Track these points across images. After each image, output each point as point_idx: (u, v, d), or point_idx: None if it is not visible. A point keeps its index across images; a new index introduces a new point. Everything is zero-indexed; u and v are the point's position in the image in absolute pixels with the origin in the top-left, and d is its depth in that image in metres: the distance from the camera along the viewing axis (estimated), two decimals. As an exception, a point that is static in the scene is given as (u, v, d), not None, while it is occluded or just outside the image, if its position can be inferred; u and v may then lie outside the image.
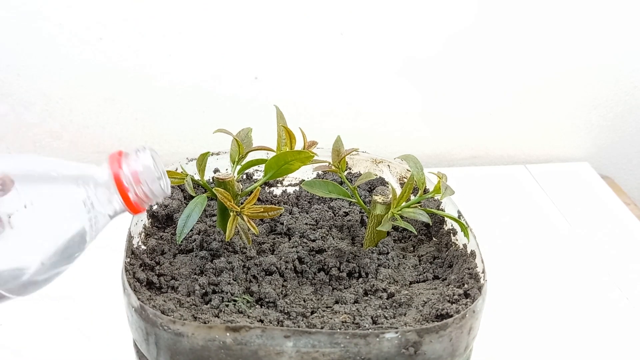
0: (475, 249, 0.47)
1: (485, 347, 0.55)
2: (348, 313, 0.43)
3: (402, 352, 0.38)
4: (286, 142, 0.48)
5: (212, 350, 0.38)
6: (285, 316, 0.43)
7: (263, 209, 0.46)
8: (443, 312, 0.42)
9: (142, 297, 0.42)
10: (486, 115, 0.96)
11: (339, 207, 0.55)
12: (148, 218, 0.52)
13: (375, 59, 0.89)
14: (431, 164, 0.97)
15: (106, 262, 0.59)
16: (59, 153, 0.90)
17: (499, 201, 0.88)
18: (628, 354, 0.63)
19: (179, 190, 0.54)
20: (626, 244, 0.80)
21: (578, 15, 0.90)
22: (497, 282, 0.56)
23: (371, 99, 0.92)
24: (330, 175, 0.59)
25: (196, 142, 0.91)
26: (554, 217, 0.84)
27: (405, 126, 0.95)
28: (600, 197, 0.90)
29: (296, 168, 0.46)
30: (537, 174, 0.95)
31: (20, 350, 0.60)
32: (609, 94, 0.97)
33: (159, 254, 0.48)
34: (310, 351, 0.38)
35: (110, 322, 0.62)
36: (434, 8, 0.87)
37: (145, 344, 0.41)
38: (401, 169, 0.57)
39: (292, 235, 0.51)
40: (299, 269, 0.48)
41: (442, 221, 0.53)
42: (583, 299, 0.70)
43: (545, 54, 0.92)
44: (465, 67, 0.92)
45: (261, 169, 0.57)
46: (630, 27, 0.92)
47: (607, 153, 1.03)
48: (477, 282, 0.45)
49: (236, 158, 0.49)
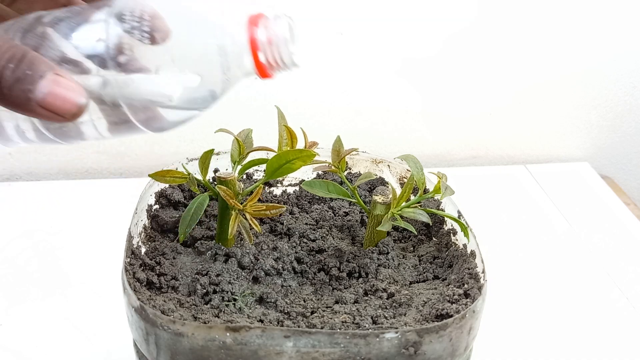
0: (475, 249, 0.47)
1: (485, 347, 0.55)
2: (348, 313, 0.43)
3: (402, 352, 0.38)
4: (287, 142, 0.49)
5: (212, 350, 0.38)
6: (285, 316, 0.43)
7: (265, 207, 0.46)
8: (443, 312, 0.42)
9: (142, 297, 0.42)
10: (486, 115, 0.96)
11: (339, 207, 0.55)
12: (148, 218, 0.52)
13: (375, 59, 0.89)
14: (431, 164, 0.97)
15: (106, 262, 0.59)
16: (58, 153, 0.90)
17: (499, 201, 0.88)
18: (628, 353, 0.63)
19: (180, 190, 0.54)
20: (626, 244, 0.80)
21: (578, 16, 0.90)
22: (497, 282, 0.56)
23: (371, 99, 0.92)
24: (330, 175, 0.59)
25: (196, 142, 0.91)
26: (554, 217, 0.84)
27: (405, 126, 0.95)
28: (600, 197, 0.90)
29: (297, 167, 0.46)
30: (537, 174, 0.95)
31: (20, 351, 0.60)
32: (609, 94, 0.97)
33: (159, 254, 0.48)
34: (310, 351, 0.38)
35: (110, 322, 0.62)
36: (434, 8, 0.87)
37: (145, 344, 0.41)
38: (401, 169, 0.57)
39: (292, 235, 0.51)
40: (298, 269, 0.48)
41: (442, 221, 0.53)
42: (583, 299, 0.70)
43: (545, 54, 0.92)
44: (465, 67, 0.92)
45: (262, 169, 0.57)
46: (630, 28, 0.92)
47: (607, 153, 1.03)
48: (477, 282, 0.45)
49: (237, 158, 0.49)
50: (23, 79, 0.32)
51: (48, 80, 0.32)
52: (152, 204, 0.53)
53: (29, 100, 0.32)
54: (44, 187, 0.86)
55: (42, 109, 0.32)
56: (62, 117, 0.33)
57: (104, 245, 0.72)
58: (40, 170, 0.92)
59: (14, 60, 0.32)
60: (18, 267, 0.71)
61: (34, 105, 0.32)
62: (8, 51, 0.32)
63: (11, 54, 0.32)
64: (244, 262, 0.47)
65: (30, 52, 0.32)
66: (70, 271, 0.70)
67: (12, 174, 0.91)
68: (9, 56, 0.32)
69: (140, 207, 0.50)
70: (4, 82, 0.32)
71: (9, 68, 0.32)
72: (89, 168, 0.93)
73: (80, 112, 0.33)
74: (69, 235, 0.76)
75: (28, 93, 0.32)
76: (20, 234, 0.76)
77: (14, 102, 0.32)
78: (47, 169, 0.92)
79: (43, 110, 0.32)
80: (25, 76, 0.32)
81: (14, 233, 0.76)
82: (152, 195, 0.53)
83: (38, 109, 0.32)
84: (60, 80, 0.32)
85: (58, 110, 0.33)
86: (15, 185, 0.87)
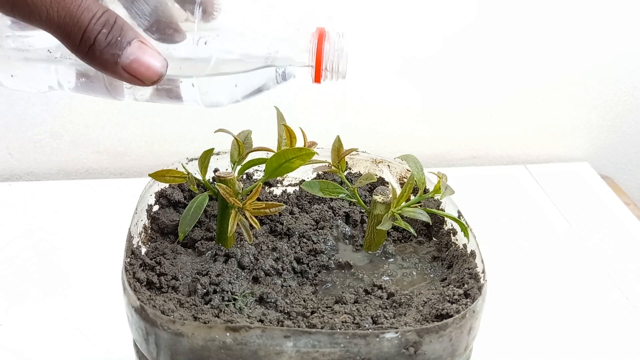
0: (475, 249, 0.47)
1: (485, 347, 0.56)
2: (348, 313, 0.43)
3: (402, 352, 0.38)
4: (287, 142, 0.49)
5: (212, 350, 0.38)
6: (285, 316, 0.43)
7: (265, 205, 0.46)
8: (443, 312, 0.42)
9: (142, 297, 0.42)
10: (486, 115, 0.96)
11: (339, 207, 0.55)
12: (148, 218, 0.52)
13: (375, 59, 0.89)
14: (431, 164, 0.97)
15: (106, 262, 0.59)
16: (58, 153, 0.91)
17: (499, 201, 0.88)
18: (628, 353, 0.63)
19: (180, 190, 0.54)
20: (626, 244, 0.80)
21: (578, 16, 0.90)
22: (497, 282, 0.56)
23: (371, 99, 0.92)
24: (330, 175, 0.59)
25: (196, 142, 0.91)
26: (554, 217, 0.84)
27: (405, 126, 0.95)
28: (600, 197, 0.90)
29: (297, 166, 0.46)
30: (537, 174, 0.95)
31: (20, 351, 0.60)
32: (609, 94, 0.97)
33: (159, 254, 0.48)
34: (310, 351, 0.38)
35: (110, 322, 0.62)
36: (434, 8, 0.87)
37: (145, 344, 0.41)
38: (401, 169, 0.57)
39: (292, 235, 0.51)
40: (298, 269, 0.48)
41: (442, 221, 0.53)
42: (583, 299, 0.70)
43: (545, 54, 0.92)
44: (465, 66, 0.92)
45: (261, 169, 0.57)
46: (630, 28, 0.92)
47: (607, 153, 1.03)
48: (477, 282, 0.45)
49: (236, 158, 0.49)
50: (113, 43, 0.35)
51: (134, 47, 0.35)
52: (152, 204, 0.53)
53: (116, 64, 0.35)
54: (44, 187, 0.86)
55: (126, 73, 0.36)
56: (141, 82, 0.36)
57: (104, 245, 0.72)
58: (40, 170, 0.92)
59: (107, 26, 0.35)
60: (18, 267, 0.71)
61: (120, 69, 0.35)
62: (102, 16, 0.35)
63: (105, 19, 0.35)
64: (243, 262, 0.47)
65: (120, 18, 0.36)
66: (70, 271, 0.70)
67: (12, 174, 0.91)
68: (103, 21, 0.35)
69: (140, 207, 0.50)
70: (97, 45, 0.35)
71: (103, 33, 0.35)
72: (89, 168, 0.93)
73: (159, 79, 0.37)
74: (69, 235, 0.76)
75: (116, 57, 0.35)
76: (20, 234, 0.76)
77: (103, 64, 0.35)
78: (47, 169, 0.92)
79: (126, 74, 0.36)
80: (116, 41, 0.35)
81: (14, 233, 0.76)
82: (152, 195, 0.53)
83: (123, 73, 0.36)
84: (145, 48, 0.36)
85: (140, 75, 0.36)
86: (15, 185, 0.87)
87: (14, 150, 0.90)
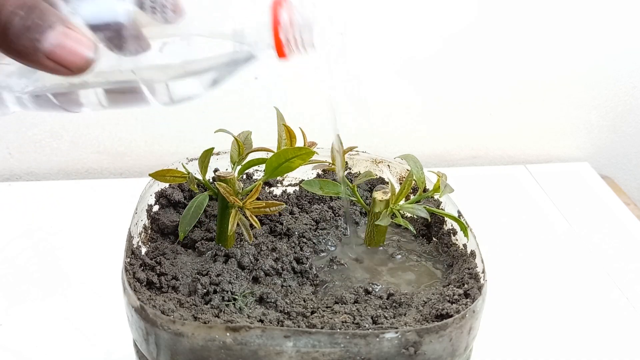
0: (475, 249, 0.47)
1: (485, 347, 0.55)
2: (348, 313, 0.43)
3: (402, 352, 0.38)
4: (286, 142, 0.49)
5: (212, 350, 0.38)
6: (285, 316, 0.43)
7: (265, 203, 0.47)
8: (443, 312, 0.42)
9: (142, 297, 0.42)
10: (486, 115, 0.96)
11: (339, 207, 0.55)
12: (148, 218, 0.52)
13: (375, 59, 0.89)
14: (431, 163, 0.97)
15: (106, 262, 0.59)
16: (58, 153, 0.91)
17: (499, 201, 0.88)
18: (628, 353, 0.63)
19: (180, 190, 0.54)
20: (626, 244, 0.80)
21: (578, 16, 0.90)
22: (497, 282, 0.56)
23: (371, 99, 0.92)
24: (330, 174, 0.59)
25: (196, 142, 0.91)
26: (554, 217, 0.84)
27: (404, 126, 0.95)
28: (600, 197, 0.90)
29: (297, 166, 0.46)
30: (537, 174, 0.95)
31: (20, 351, 0.60)
32: (609, 94, 0.97)
33: (159, 254, 0.48)
34: (310, 351, 0.38)
35: (110, 322, 0.62)
36: (434, 7, 0.87)
37: (145, 344, 0.41)
38: (401, 168, 0.57)
39: (291, 235, 0.51)
40: (298, 269, 0.48)
41: (442, 221, 0.53)
42: (583, 299, 0.70)
43: (545, 54, 0.92)
44: (465, 66, 0.92)
45: (261, 170, 0.57)
46: (630, 28, 0.92)
47: (607, 153, 1.03)
48: (477, 282, 0.45)
49: (236, 159, 0.49)
50: (32, 28, 0.31)
51: (57, 32, 0.31)
52: (152, 204, 0.53)
53: (37, 50, 0.31)
54: (44, 187, 0.86)
55: (49, 60, 0.31)
56: (68, 70, 0.32)
57: (104, 245, 0.72)
58: (40, 170, 0.92)
59: (24, 8, 0.31)
60: (18, 267, 0.71)
61: (41, 56, 0.31)
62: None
63: (22, 1, 0.31)
64: (243, 262, 0.47)
65: (42, 2, 0.31)
66: (70, 271, 0.70)
67: (12, 174, 0.91)
68: (20, 3, 0.31)
69: (140, 207, 0.50)
70: (12, 29, 0.30)
71: (19, 15, 0.30)
72: (89, 168, 0.93)
73: (88, 66, 0.32)
74: (69, 235, 0.76)
75: (36, 42, 0.31)
76: (20, 234, 0.76)
77: (21, 52, 0.31)
78: (47, 169, 0.92)
79: (49, 62, 0.31)
80: (35, 25, 0.31)
81: (14, 233, 0.76)
82: (152, 195, 0.53)
83: (45, 61, 0.31)
84: (70, 32, 0.31)
85: (65, 62, 0.32)
86: (15, 185, 0.87)
87: (14, 150, 0.90)
